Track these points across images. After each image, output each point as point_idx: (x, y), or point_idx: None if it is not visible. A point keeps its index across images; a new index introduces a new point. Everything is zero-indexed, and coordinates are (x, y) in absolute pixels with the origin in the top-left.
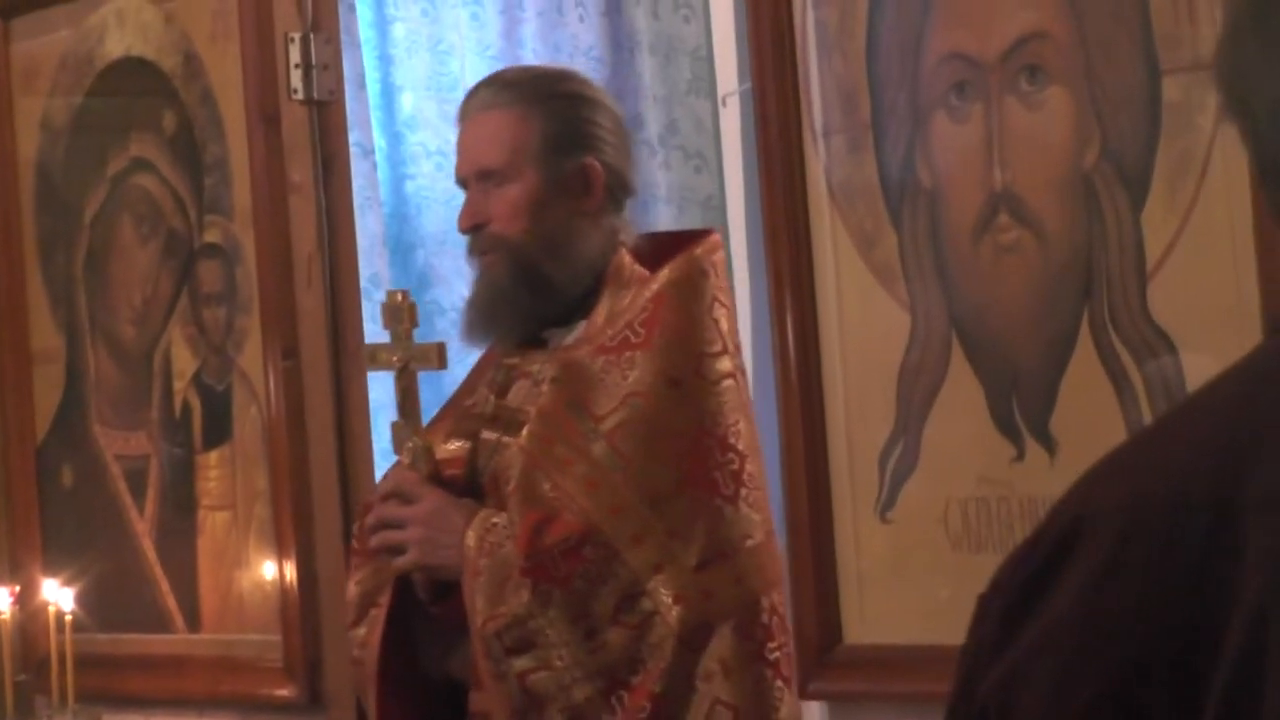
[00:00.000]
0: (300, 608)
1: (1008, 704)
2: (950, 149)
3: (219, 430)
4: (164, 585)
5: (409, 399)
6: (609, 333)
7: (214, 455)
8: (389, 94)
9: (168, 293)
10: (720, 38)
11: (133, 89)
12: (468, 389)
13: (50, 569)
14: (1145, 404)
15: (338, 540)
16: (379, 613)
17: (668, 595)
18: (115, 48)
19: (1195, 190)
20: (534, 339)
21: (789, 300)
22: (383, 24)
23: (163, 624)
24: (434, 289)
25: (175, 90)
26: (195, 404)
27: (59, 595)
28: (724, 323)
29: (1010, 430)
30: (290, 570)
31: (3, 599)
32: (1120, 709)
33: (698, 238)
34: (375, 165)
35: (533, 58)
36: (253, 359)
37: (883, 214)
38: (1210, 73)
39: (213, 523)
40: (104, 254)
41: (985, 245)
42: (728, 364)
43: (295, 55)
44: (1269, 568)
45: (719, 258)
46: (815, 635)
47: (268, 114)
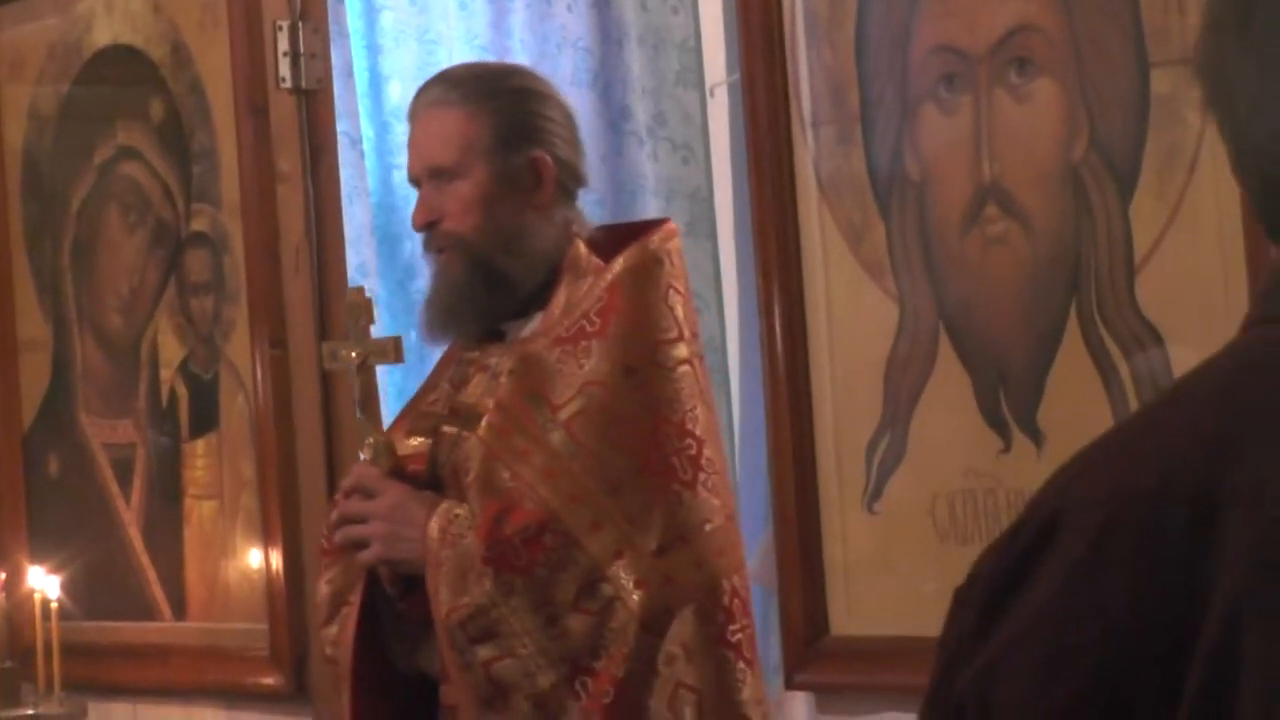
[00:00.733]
0: (286, 597)
1: (986, 698)
2: (939, 141)
3: (206, 419)
4: (150, 574)
5: (368, 394)
6: (565, 323)
7: (201, 444)
8: (377, 83)
9: (155, 282)
10: (709, 29)
11: (120, 78)
12: (429, 386)
13: (37, 557)
14: (1133, 397)
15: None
16: (350, 610)
17: (629, 581)
18: (103, 36)
19: (1184, 183)
20: (492, 333)
21: (777, 292)
22: (370, 13)
23: (149, 613)
24: (421, 279)
25: (163, 79)
26: (182, 393)
27: (45, 583)
28: (680, 309)
29: (998, 423)
30: (276, 559)
31: None
32: (1101, 703)
33: (653, 227)
34: (363, 155)
35: (520, 48)
36: (240, 348)
37: (871, 206)
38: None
39: (199, 512)
40: (91, 243)
41: (973, 238)
42: (684, 350)
43: (283, 44)
44: (1245, 563)
45: (674, 245)
46: (802, 626)
47: (256, 103)
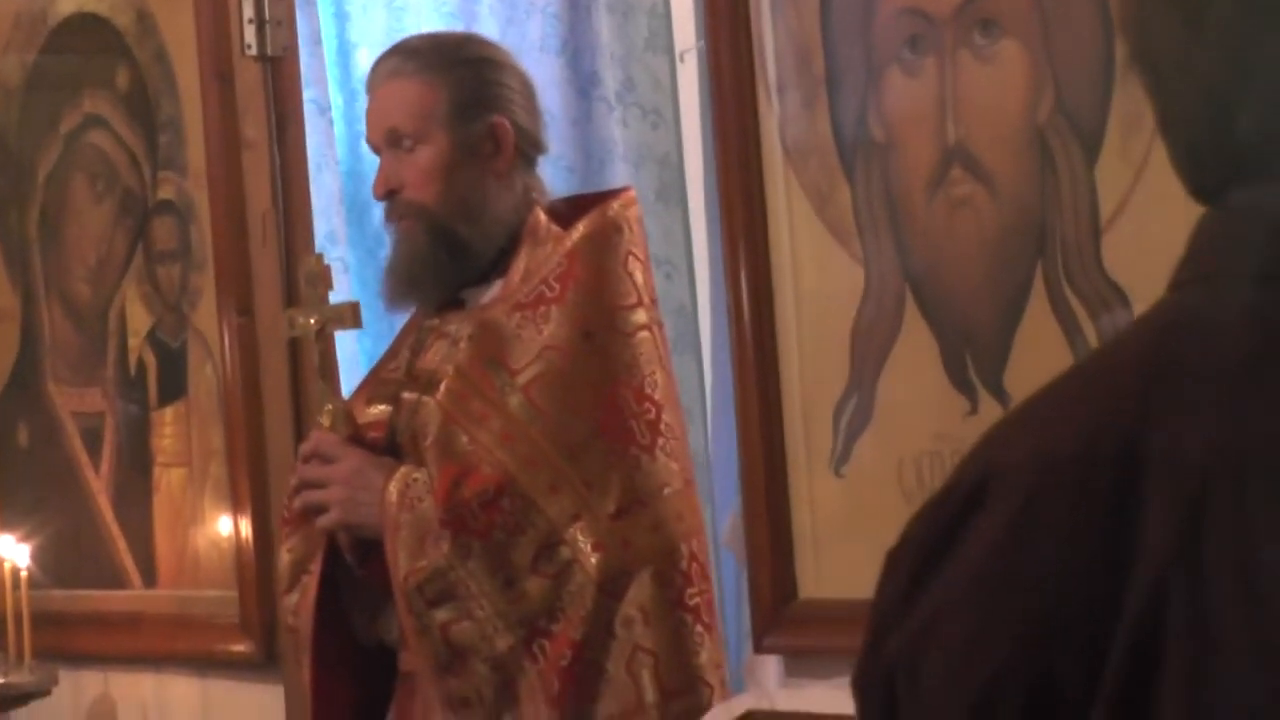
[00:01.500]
0: (256, 564)
1: (916, 661)
2: (904, 104)
3: (174, 387)
4: (120, 542)
5: (327, 361)
6: (524, 289)
7: (169, 412)
8: (345, 51)
9: (122, 251)
10: None
11: (86, 46)
12: (390, 354)
13: (6, 526)
14: None
15: None
16: (310, 579)
17: (586, 544)
18: (68, 5)
19: (1149, 144)
20: (452, 300)
21: (743, 257)
22: None
23: (119, 581)
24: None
25: (129, 47)
26: (150, 361)
27: (15, 552)
28: (639, 276)
29: (964, 385)
30: (246, 527)
31: None
32: (1027, 664)
33: (612, 195)
34: (331, 122)
35: (489, 15)
36: (207, 316)
37: (836, 170)
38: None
39: (168, 480)
40: (58, 212)
41: (939, 200)
42: (643, 316)
43: (249, 11)
44: (1169, 525)
45: (633, 213)
46: (770, 590)
47: (221, 70)
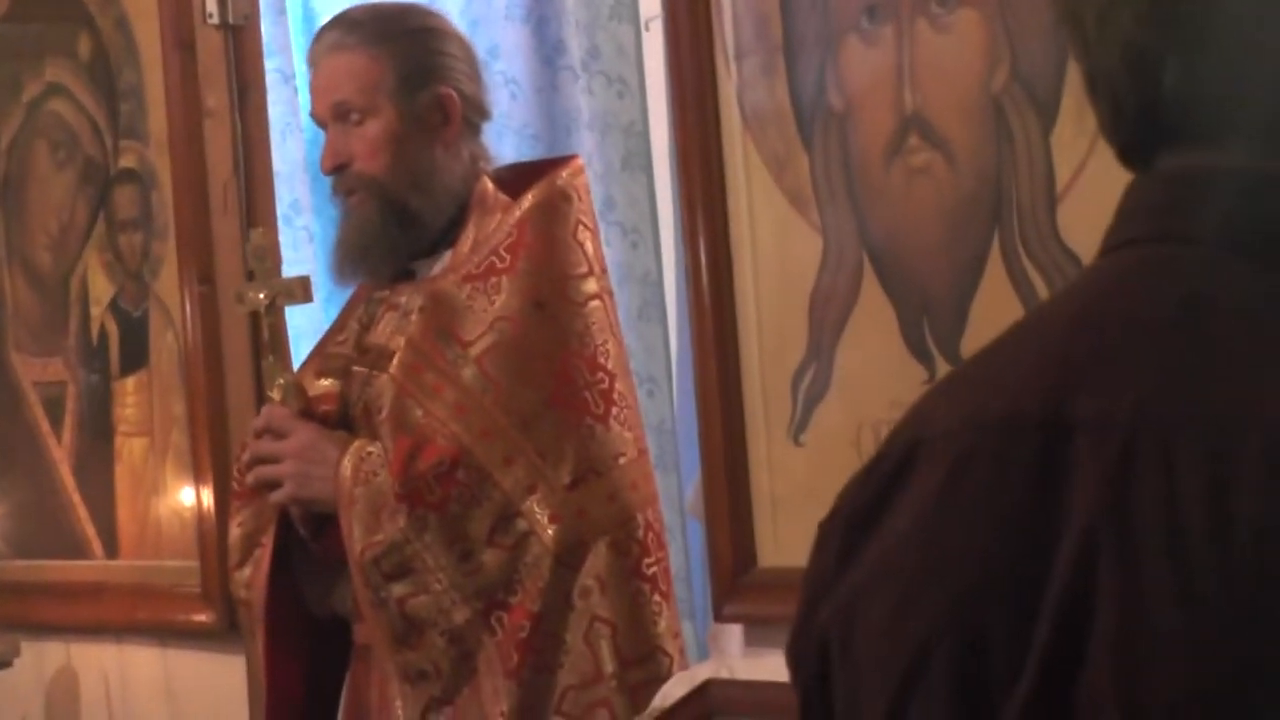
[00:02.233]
0: (217, 534)
1: (848, 628)
2: (861, 72)
3: (136, 356)
4: (82, 512)
5: (277, 336)
6: (474, 260)
7: (131, 381)
8: (310, 19)
9: (84, 219)
10: None
11: (47, 14)
12: (338, 327)
13: None
14: None
15: None
16: (263, 553)
17: (543, 515)
18: None
19: None
20: (402, 272)
21: (701, 225)
22: None
23: (80, 551)
24: None
25: (90, 16)
26: (112, 330)
27: None
28: (589, 245)
29: (922, 353)
30: (207, 496)
31: None
32: (957, 629)
33: (560, 163)
34: (296, 91)
35: None
36: (169, 285)
37: (794, 138)
38: None
39: (130, 449)
40: (20, 181)
41: (896, 169)
42: (594, 285)
43: None
44: (1098, 486)
45: (581, 181)
46: (730, 558)
47: (183, 39)
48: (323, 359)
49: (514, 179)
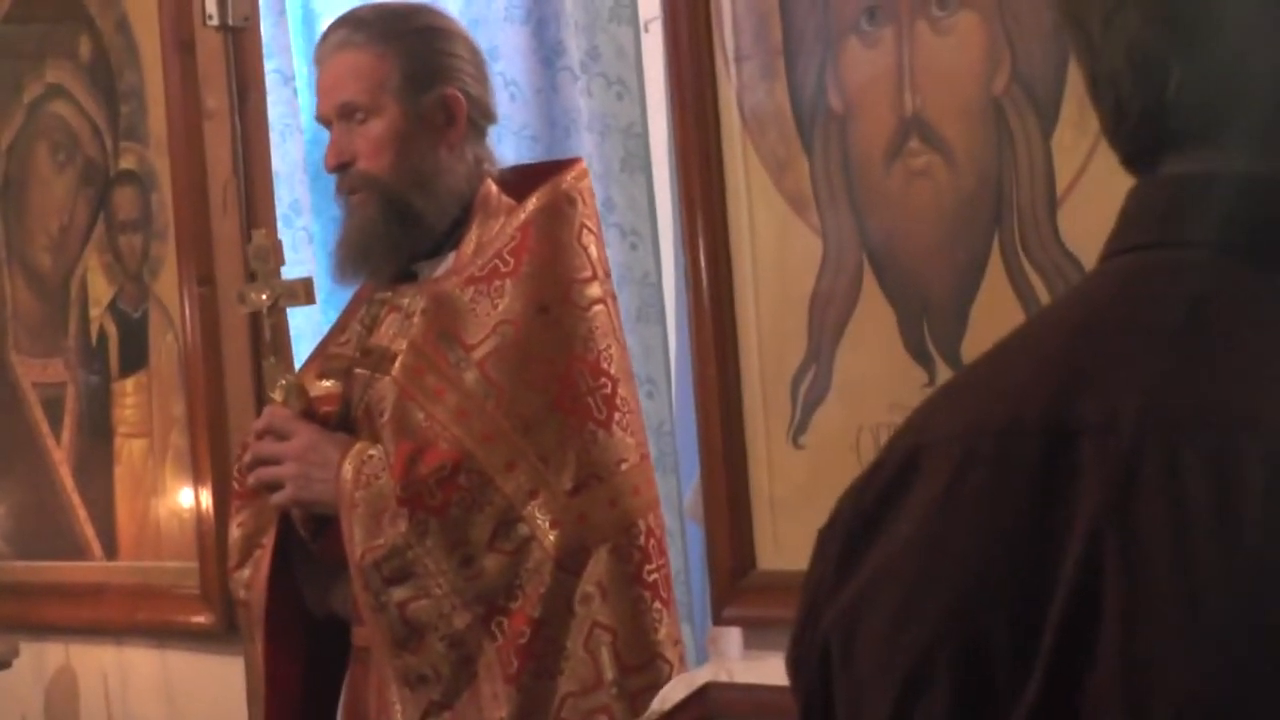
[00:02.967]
0: (216, 535)
1: (849, 636)
2: (861, 74)
3: (135, 357)
4: (81, 513)
5: (279, 336)
6: (478, 263)
7: (130, 382)
8: (310, 21)
9: (84, 220)
10: None
11: (49, 16)
12: (339, 328)
13: None
14: None
15: None
16: (263, 554)
17: (544, 520)
18: None
19: None
20: (404, 273)
21: (701, 227)
22: None
23: (80, 552)
24: None
25: (91, 17)
26: (112, 331)
27: None
28: (593, 249)
29: (922, 356)
30: (206, 497)
31: None
32: (961, 635)
33: (564, 166)
34: (296, 92)
35: None
36: (168, 286)
37: (794, 140)
38: None
39: (129, 450)
40: (20, 182)
41: (896, 171)
42: (597, 290)
43: None
44: (1103, 492)
45: (585, 185)
46: (729, 561)
47: (183, 41)
48: (324, 360)
49: (518, 181)
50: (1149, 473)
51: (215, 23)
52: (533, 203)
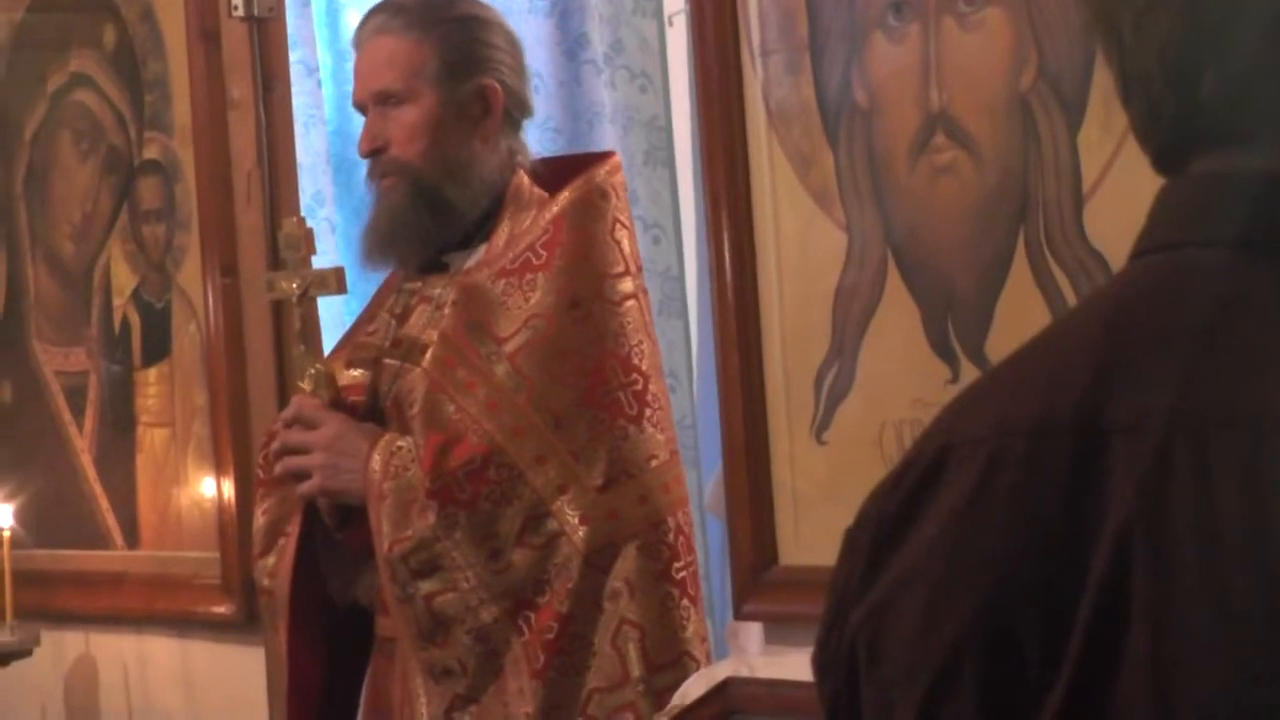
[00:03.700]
0: (237, 525)
1: (877, 635)
2: (887, 70)
3: (158, 347)
4: (103, 502)
5: (309, 325)
6: (510, 255)
7: (153, 372)
8: (334, 12)
9: (107, 209)
10: None
11: (73, 5)
12: (368, 317)
13: None
14: None
15: None
16: (287, 542)
17: (573, 516)
18: None
19: None
20: (434, 263)
21: (725, 221)
22: None
23: (101, 541)
24: None
25: (116, 6)
26: (134, 321)
27: None
28: (626, 244)
29: (946, 352)
30: (228, 487)
31: None
32: (989, 635)
33: (597, 160)
34: (319, 83)
35: None
36: (192, 276)
37: (820, 135)
38: None
39: (151, 440)
40: (44, 170)
41: (922, 167)
42: (630, 285)
43: None
44: (1134, 490)
45: (619, 179)
46: (751, 556)
47: (208, 30)
48: (352, 349)
49: (550, 174)
50: (1179, 473)
51: (241, 13)
52: (565, 196)
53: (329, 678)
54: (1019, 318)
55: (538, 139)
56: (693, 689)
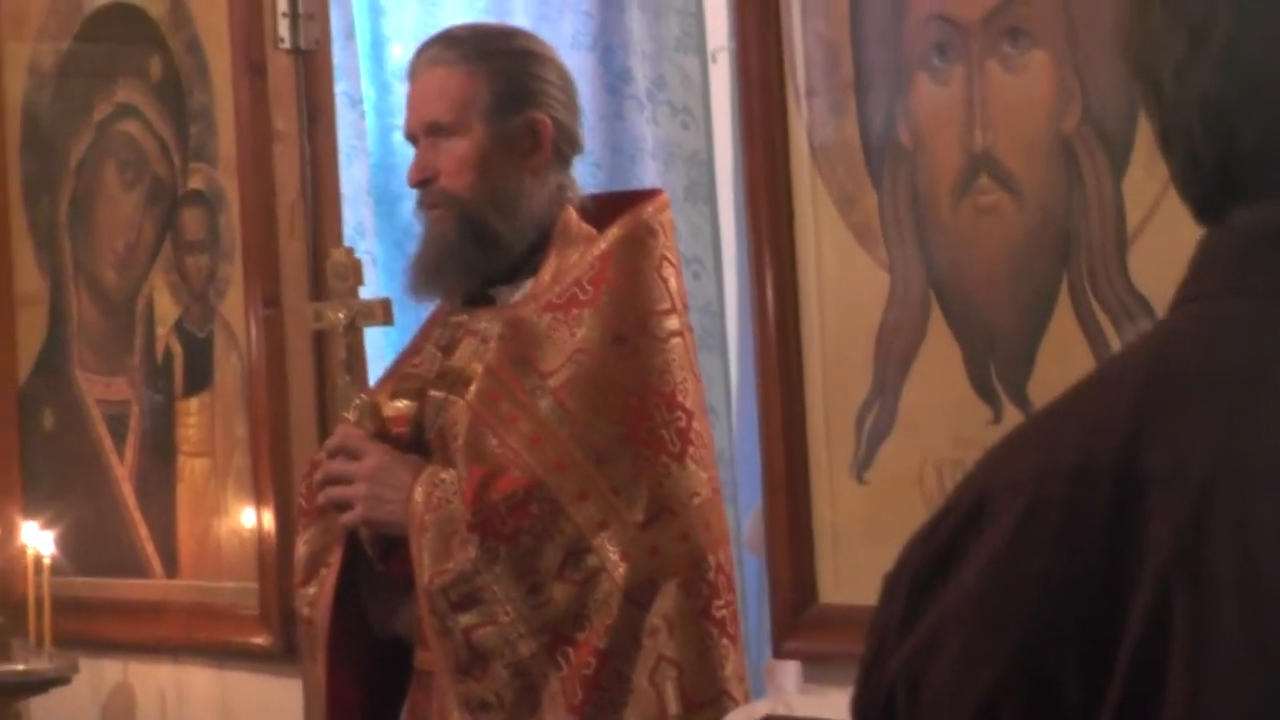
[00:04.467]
0: (277, 556)
1: (916, 680)
2: (931, 110)
3: (200, 377)
4: (143, 531)
5: (355, 356)
6: (556, 290)
7: (194, 402)
8: (378, 45)
9: (151, 239)
10: None
11: (120, 35)
12: (414, 349)
13: (30, 512)
14: None
15: None
16: (329, 572)
17: (614, 552)
18: None
19: None
20: (481, 296)
21: (768, 259)
22: None
23: (140, 569)
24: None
25: (162, 37)
26: (177, 350)
27: (38, 539)
28: (672, 281)
29: (987, 393)
30: (268, 518)
31: None
32: (1028, 681)
33: (646, 197)
34: (363, 115)
35: (521, 11)
36: (234, 307)
37: (863, 174)
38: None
39: (192, 469)
40: (89, 199)
41: (965, 207)
42: (675, 322)
43: (282, 4)
44: (1171, 539)
45: (667, 217)
46: (790, 594)
47: (254, 62)
48: (398, 380)
49: (598, 210)
50: (1217, 523)
51: (287, 45)
52: (613, 232)
53: (367, 709)
54: (1062, 359)
55: (579, 173)
56: None
